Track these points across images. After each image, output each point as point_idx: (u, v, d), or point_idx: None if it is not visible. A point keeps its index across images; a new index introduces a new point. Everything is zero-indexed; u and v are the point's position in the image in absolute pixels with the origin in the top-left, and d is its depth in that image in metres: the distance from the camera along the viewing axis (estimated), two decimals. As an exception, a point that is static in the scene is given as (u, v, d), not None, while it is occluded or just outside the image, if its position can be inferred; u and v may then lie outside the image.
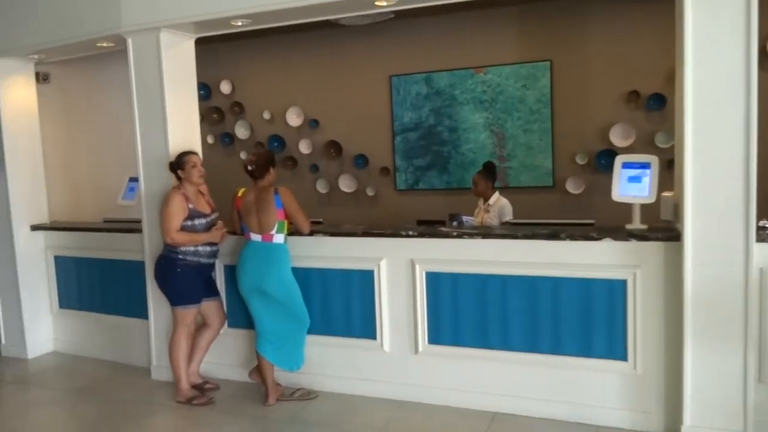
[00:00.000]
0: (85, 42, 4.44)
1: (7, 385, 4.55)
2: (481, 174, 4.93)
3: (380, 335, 3.85)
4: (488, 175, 4.91)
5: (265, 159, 3.84)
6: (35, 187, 5.15)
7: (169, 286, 3.94)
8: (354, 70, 6.19)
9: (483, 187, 4.89)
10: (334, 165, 6.35)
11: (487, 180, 4.88)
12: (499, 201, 4.84)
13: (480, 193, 4.92)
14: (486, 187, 4.88)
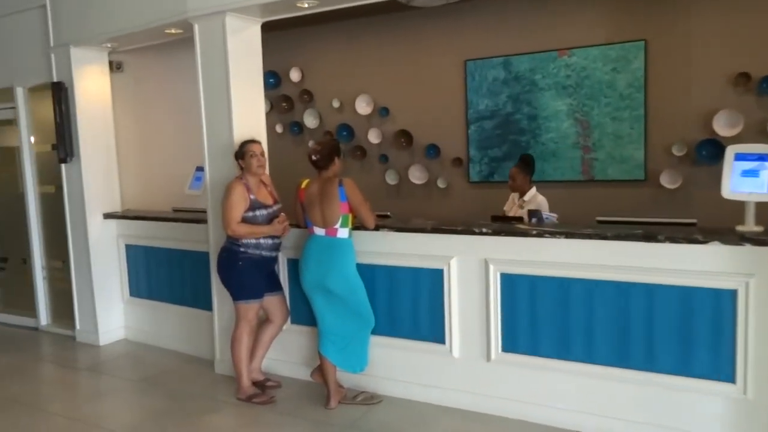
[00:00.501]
0: (154, 29, 4.38)
1: (79, 372, 4.62)
2: (519, 167, 4.61)
3: (449, 339, 3.57)
4: (526, 168, 4.61)
5: (329, 148, 3.62)
6: (108, 175, 5.20)
7: (231, 279, 3.81)
8: (426, 55, 5.86)
9: (521, 181, 4.58)
10: (405, 155, 6.07)
11: (525, 174, 4.58)
12: (535, 197, 4.53)
13: (517, 187, 4.61)
14: (524, 181, 4.58)
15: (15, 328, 5.76)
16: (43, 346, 5.26)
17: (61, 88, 4.93)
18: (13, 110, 5.51)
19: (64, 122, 4.95)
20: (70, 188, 5.11)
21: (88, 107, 5.02)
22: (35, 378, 4.50)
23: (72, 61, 4.89)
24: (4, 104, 5.57)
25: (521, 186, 4.58)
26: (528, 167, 4.62)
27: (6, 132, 5.71)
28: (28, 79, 5.33)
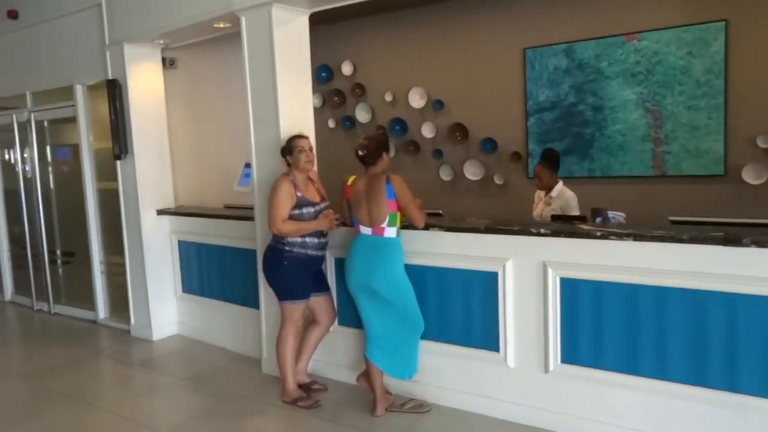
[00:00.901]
0: (203, 23, 4.32)
1: (131, 367, 4.65)
2: (544, 164, 4.35)
3: (504, 348, 3.32)
4: (551, 164, 4.34)
5: (377, 143, 3.44)
6: (161, 171, 5.22)
7: (276, 279, 3.70)
8: (483, 44, 5.59)
9: (547, 178, 4.33)
10: (460, 150, 5.82)
11: (551, 171, 4.33)
12: (563, 193, 4.25)
13: (544, 186, 4.36)
14: (550, 178, 4.33)
15: (76, 321, 5.90)
16: (99, 339, 5.35)
17: (115, 85, 4.97)
18: (73, 108, 5.62)
19: (119, 119, 5.00)
20: (124, 184, 5.16)
21: (141, 104, 5.04)
22: (89, 372, 4.55)
23: (126, 58, 4.92)
24: (65, 102, 5.69)
25: (548, 183, 4.35)
26: (553, 163, 4.37)
27: (68, 129, 5.84)
28: (87, 78, 5.41)
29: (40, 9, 5.66)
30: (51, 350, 5.14)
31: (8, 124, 6.37)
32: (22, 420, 3.75)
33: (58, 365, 4.71)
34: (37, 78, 5.93)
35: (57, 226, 6.26)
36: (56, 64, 5.68)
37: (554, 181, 4.35)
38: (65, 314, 6.12)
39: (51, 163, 6.17)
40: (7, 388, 4.38)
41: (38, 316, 6.21)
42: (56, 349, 5.13)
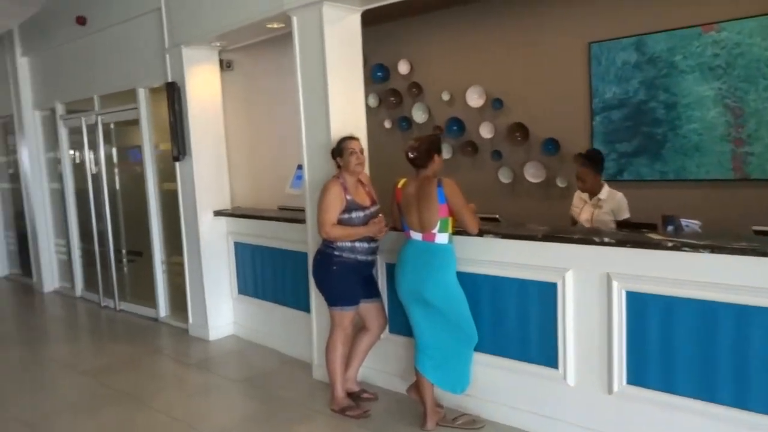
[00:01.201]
0: (256, 24, 4.29)
1: (186, 367, 4.70)
2: (586, 166, 4.04)
3: (563, 364, 3.10)
4: (595, 166, 4.05)
5: (428, 144, 3.29)
6: (218, 173, 5.26)
7: (325, 284, 3.62)
8: (545, 39, 5.32)
9: (591, 180, 4.04)
10: (520, 151, 5.57)
11: (595, 173, 4.04)
12: (613, 195, 3.97)
13: (588, 188, 4.06)
14: (594, 180, 4.03)
15: (139, 318, 6.05)
16: (159, 338, 5.46)
17: (174, 88, 5.04)
18: (136, 111, 5.75)
19: (177, 121, 5.06)
20: (183, 186, 5.23)
21: (199, 106, 5.09)
22: (146, 370, 4.63)
23: (184, 61, 4.97)
24: (129, 105, 5.84)
25: (592, 186, 4.06)
26: (596, 164, 4.08)
27: (132, 131, 6.00)
28: (148, 81, 5.53)
29: (106, 15, 5.82)
30: (114, 347, 5.28)
31: (78, 127, 6.62)
32: (80, 417, 3.84)
33: (119, 362, 4.83)
34: (104, 82, 6.12)
35: (123, 226, 6.45)
36: (120, 68, 5.83)
37: (599, 183, 4.07)
38: (129, 311, 6.30)
39: (117, 164, 6.36)
40: (71, 383, 4.52)
41: (105, 313, 6.42)
42: (118, 346, 5.27)
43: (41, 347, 5.43)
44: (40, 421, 3.77)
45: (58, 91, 6.86)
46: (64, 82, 6.75)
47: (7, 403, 4.07)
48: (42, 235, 7.46)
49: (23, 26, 6.88)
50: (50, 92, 6.99)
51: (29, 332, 6.06)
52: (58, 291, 7.45)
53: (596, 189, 4.07)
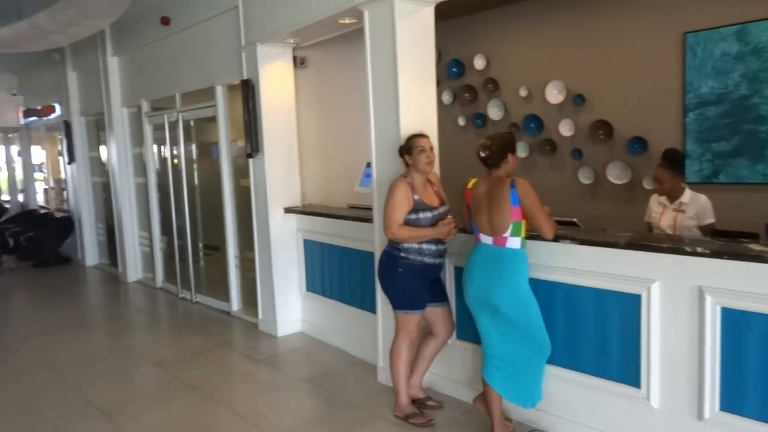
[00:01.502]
0: (329, 19, 4.24)
1: (254, 363, 4.72)
2: (666, 167, 3.69)
3: (646, 384, 2.84)
4: (674, 166, 3.70)
5: (501, 143, 3.10)
6: (290, 169, 5.26)
7: (391, 287, 3.51)
8: (633, 29, 4.95)
9: (671, 183, 3.68)
10: (602, 150, 5.23)
11: (675, 174, 3.69)
12: (696, 198, 3.63)
13: (667, 191, 3.70)
14: (674, 183, 3.68)
15: (213, 311, 6.20)
16: (230, 331, 5.55)
17: (248, 85, 5.09)
18: (214, 108, 5.88)
19: (251, 118, 5.11)
20: (255, 182, 5.28)
21: (272, 103, 5.12)
22: (216, 364, 4.70)
23: (258, 58, 5.01)
24: (207, 103, 5.97)
25: (671, 189, 3.71)
26: (676, 165, 3.74)
27: (211, 128, 6.14)
28: (225, 78, 5.62)
29: (187, 14, 5.98)
30: (187, 339, 5.42)
31: (161, 124, 6.86)
32: (149, 407, 3.93)
33: (191, 354, 4.94)
34: (184, 80, 6.29)
35: (200, 220, 6.63)
36: (200, 66, 5.97)
37: (679, 185, 3.72)
38: (205, 303, 6.46)
39: (196, 160, 6.53)
40: (145, 373, 4.67)
41: (182, 304, 6.62)
42: (192, 338, 5.40)
43: (121, 335, 5.66)
44: (112, 408, 3.89)
45: (144, 89, 7.13)
46: (149, 80, 7.02)
47: (86, 389, 4.24)
48: (127, 228, 7.82)
49: (114, 27, 7.20)
50: (137, 90, 7.29)
51: (112, 321, 6.35)
52: (141, 281, 7.78)
53: (676, 192, 3.73)
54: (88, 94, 8.46)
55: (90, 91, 8.29)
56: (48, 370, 4.69)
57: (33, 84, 10.64)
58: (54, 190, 11.11)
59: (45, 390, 4.28)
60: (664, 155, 3.86)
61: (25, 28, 6.20)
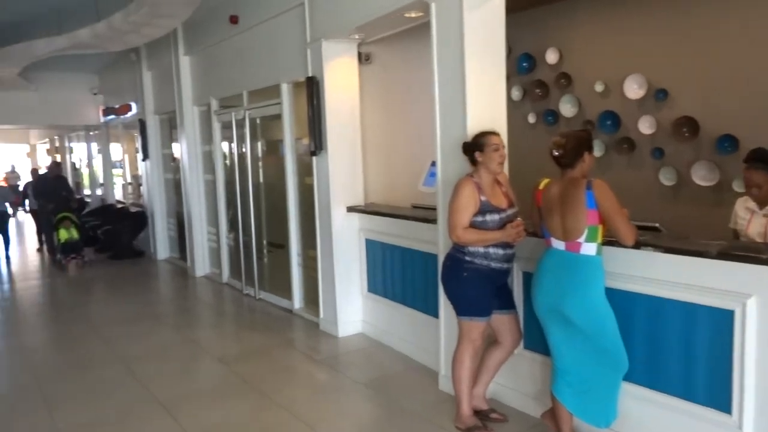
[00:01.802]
0: (395, 13, 4.12)
1: (313, 363, 4.67)
2: (758, 168, 3.32)
3: (738, 410, 2.55)
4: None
5: (576, 141, 2.88)
6: (353, 168, 5.18)
7: (455, 292, 3.35)
8: (724, 16, 4.53)
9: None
10: (687, 149, 4.83)
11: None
12: None
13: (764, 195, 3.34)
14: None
15: (275, 308, 6.22)
16: (292, 330, 5.54)
17: (313, 82, 5.04)
18: (279, 105, 5.88)
19: (315, 116, 5.06)
20: (319, 180, 5.23)
21: (336, 100, 5.05)
22: (276, 362, 4.68)
23: (323, 54, 4.95)
24: (273, 100, 5.99)
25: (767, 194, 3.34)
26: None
27: (276, 126, 6.16)
28: (290, 76, 5.61)
29: (254, 12, 6.02)
30: (249, 335, 5.45)
31: (229, 122, 6.95)
32: (208, 404, 3.94)
33: (252, 352, 4.95)
34: (251, 78, 6.34)
35: (265, 217, 6.67)
36: (266, 63, 6.00)
37: None
38: (268, 301, 6.50)
39: (261, 157, 6.58)
40: (207, 369, 4.71)
41: (246, 300, 6.69)
42: (254, 335, 5.43)
43: (186, 329, 5.76)
44: (174, 403, 3.93)
45: (213, 88, 7.26)
46: (218, 79, 7.13)
47: (150, 382, 4.31)
48: (196, 223, 8.00)
49: (185, 26, 7.37)
50: (206, 89, 7.43)
51: (179, 314, 6.49)
52: (208, 276, 7.94)
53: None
54: (161, 93, 8.72)
55: (163, 90, 8.54)
56: (116, 361, 4.82)
57: (112, 83, 11.11)
58: (131, 186, 11.59)
59: (112, 381, 4.38)
60: (755, 155, 3.50)
61: (103, 28, 6.44)
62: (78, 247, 8.91)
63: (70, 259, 8.78)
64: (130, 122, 10.25)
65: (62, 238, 8.87)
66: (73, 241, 8.87)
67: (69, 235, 8.87)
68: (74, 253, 8.82)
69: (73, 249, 8.84)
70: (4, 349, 5.44)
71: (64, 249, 8.85)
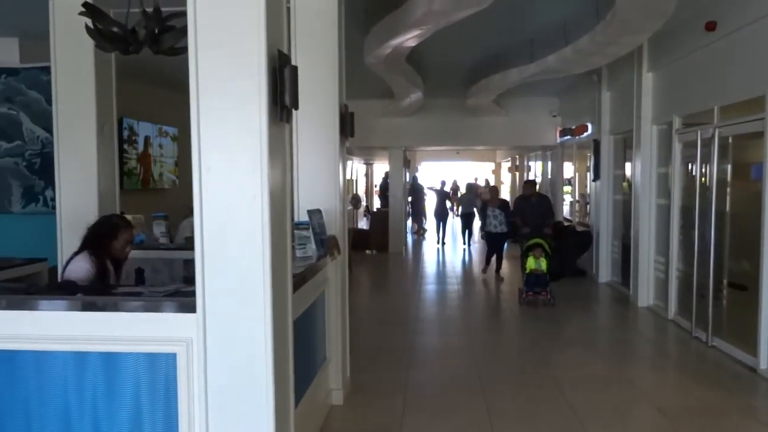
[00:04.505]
0: None
1: None
2: None
3: None
4: None
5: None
6: None
7: None
8: None
9: None
10: None
11: None
12: None
13: None
14: None
15: (731, 361, 5.23)
16: (754, 394, 4.55)
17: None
18: (762, 121, 4.89)
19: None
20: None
21: None
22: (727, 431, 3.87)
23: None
24: (753, 116, 5.03)
25: None
26: None
27: (753, 146, 5.16)
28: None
29: (737, 15, 5.18)
30: (695, 389, 4.69)
31: (692, 141, 6.22)
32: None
33: (698, 410, 4.24)
34: (726, 91, 5.51)
35: (727, 252, 5.69)
36: (747, 73, 5.09)
37: None
38: (722, 350, 5.52)
39: (730, 182, 5.64)
40: (643, 417, 4.27)
41: (694, 345, 5.85)
42: (701, 390, 4.64)
43: (622, 364, 5.37)
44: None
45: (676, 105, 6.66)
46: (683, 94, 6.51)
47: (581, 413, 4.11)
48: (643, 250, 7.48)
49: (651, 41, 6.95)
50: (668, 106, 6.87)
51: (615, 345, 6.14)
52: (651, 308, 7.31)
53: None
54: (619, 113, 8.52)
55: (621, 110, 8.32)
56: (549, 383, 4.78)
57: (570, 105, 11.49)
58: (578, 204, 11.77)
59: (543, 404, 4.36)
60: None
61: (569, 53, 6.64)
62: (543, 282, 7.59)
63: (533, 295, 7.62)
64: (584, 142, 10.38)
65: (528, 268, 7.68)
66: (539, 274, 7.59)
67: (536, 266, 7.61)
68: (538, 288, 7.58)
69: (537, 283, 7.59)
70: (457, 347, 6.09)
71: (528, 281, 7.67)
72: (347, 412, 4.14)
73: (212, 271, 2.26)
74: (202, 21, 2.18)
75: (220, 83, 2.20)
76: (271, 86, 2.22)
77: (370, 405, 4.30)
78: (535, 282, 7.58)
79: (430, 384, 4.84)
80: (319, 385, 3.84)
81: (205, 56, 2.19)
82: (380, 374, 4.94)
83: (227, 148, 2.23)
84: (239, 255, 2.26)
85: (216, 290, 2.27)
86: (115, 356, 2.40)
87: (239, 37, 2.19)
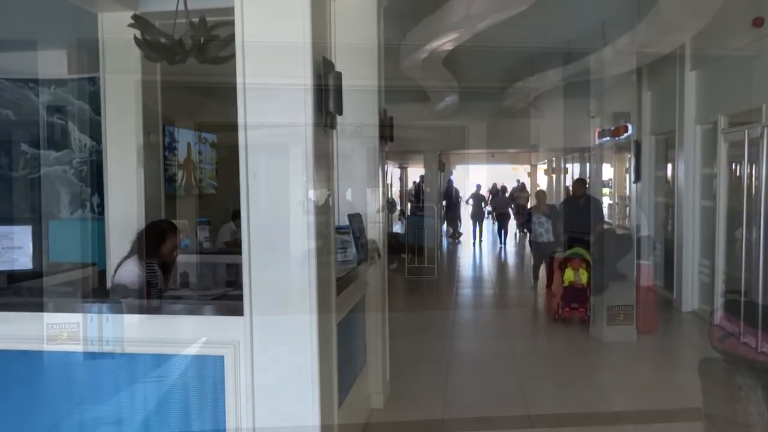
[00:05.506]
0: None
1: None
2: None
3: None
4: None
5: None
6: None
7: None
8: None
9: None
10: None
11: None
12: None
13: None
14: None
15: (784, 370, 5.04)
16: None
17: None
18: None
19: None
20: None
21: None
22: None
23: None
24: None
25: None
26: None
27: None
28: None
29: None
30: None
31: (739, 141, 6.03)
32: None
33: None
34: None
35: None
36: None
37: None
38: (773, 356, 5.33)
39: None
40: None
41: (743, 350, 5.66)
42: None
43: (672, 371, 5.24)
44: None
45: (721, 104, 6.46)
46: (729, 92, 6.32)
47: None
48: (687, 253, 7.29)
49: (694, 39, 6.78)
50: (713, 105, 6.68)
51: (663, 353, 5.99)
52: (696, 312, 7.11)
53: None
54: (660, 113, 8.33)
55: (663, 110, 8.13)
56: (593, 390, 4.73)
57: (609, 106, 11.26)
58: (617, 206, 11.52)
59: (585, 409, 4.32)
60: None
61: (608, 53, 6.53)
62: (582, 296, 6.79)
63: (569, 311, 6.85)
64: (623, 144, 10.16)
65: (566, 280, 6.92)
66: (578, 287, 6.82)
67: (575, 278, 6.85)
68: (576, 304, 6.80)
69: (575, 297, 6.82)
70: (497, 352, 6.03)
71: (565, 295, 6.89)
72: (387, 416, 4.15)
73: (258, 274, 2.30)
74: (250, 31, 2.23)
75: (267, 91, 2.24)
76: (316, 93, 2.26)
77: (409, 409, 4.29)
78: (572, 296, 6.82)
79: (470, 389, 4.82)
80: (360, 389, 3.86)
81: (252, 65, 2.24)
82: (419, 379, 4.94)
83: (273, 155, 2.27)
84: (285, 259, 2.29)
85: (262, 294, 2.31)
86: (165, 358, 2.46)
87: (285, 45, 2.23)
